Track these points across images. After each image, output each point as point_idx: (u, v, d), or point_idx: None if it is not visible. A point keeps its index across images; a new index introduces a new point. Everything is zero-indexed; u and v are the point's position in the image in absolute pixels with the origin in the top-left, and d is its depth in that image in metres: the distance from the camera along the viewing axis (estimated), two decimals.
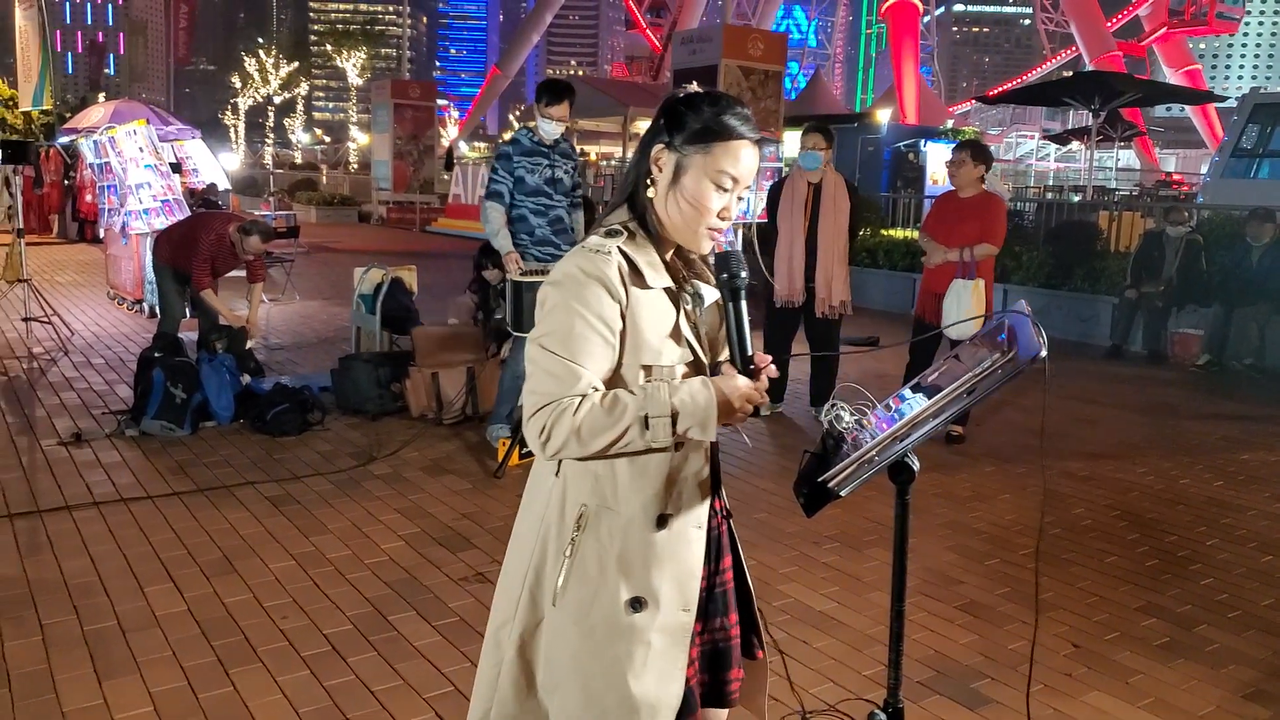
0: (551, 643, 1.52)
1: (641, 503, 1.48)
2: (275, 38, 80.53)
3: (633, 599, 1.48)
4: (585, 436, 1.38)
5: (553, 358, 1.42)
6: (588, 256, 1.45)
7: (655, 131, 1.52)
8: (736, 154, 1.47)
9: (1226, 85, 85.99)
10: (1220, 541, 4.10)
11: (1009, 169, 38.11)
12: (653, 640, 1.49)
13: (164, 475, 4.47)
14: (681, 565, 1.51)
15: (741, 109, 1.50)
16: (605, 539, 1.48)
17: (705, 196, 1.47)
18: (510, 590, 1.57)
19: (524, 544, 1.57)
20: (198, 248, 5.84)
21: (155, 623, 3.04)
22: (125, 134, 8.93)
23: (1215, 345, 7.86)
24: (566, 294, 1.44)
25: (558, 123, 4.76)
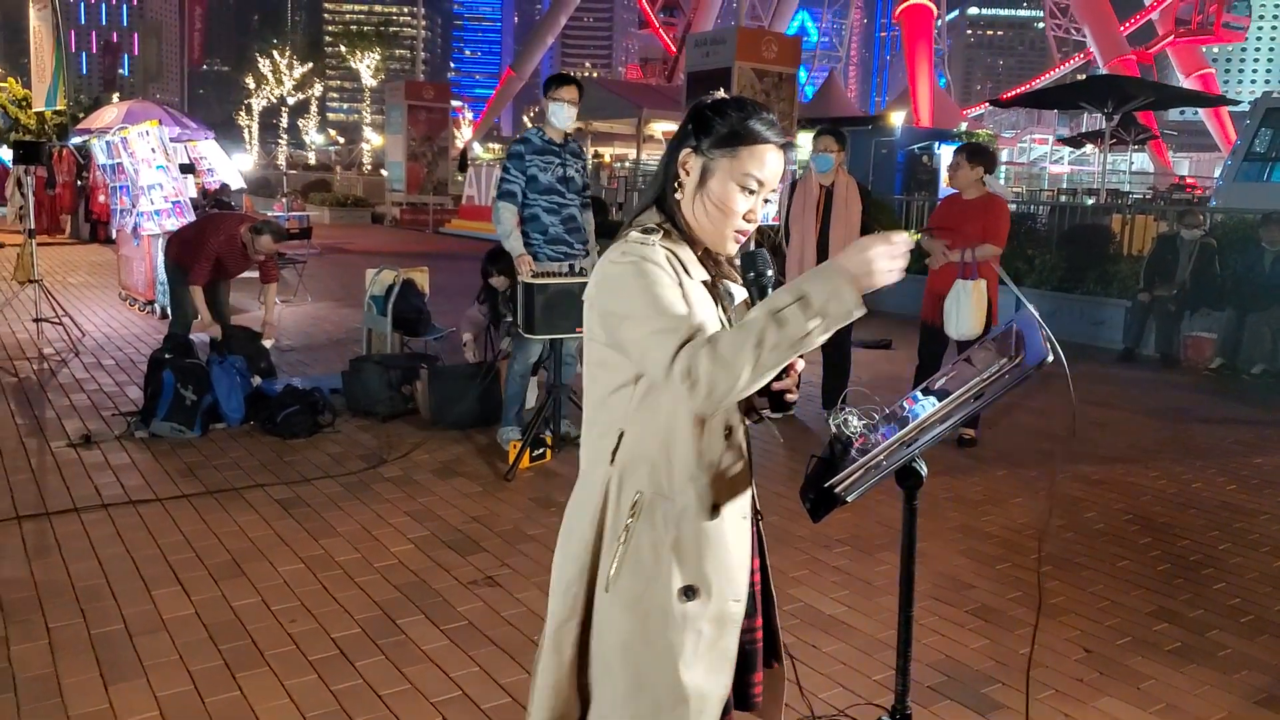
0: (603, 630, 1.53)
1: (696, 491, 1.49)
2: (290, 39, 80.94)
3: (685, 587, 1.49)
4: (728, 357, 1.32)
5: (651, 323, 1.40)
6: (634, 245, 1.48)
7: (682, 136, 1.56)
8: (762, 158, 1.51)
9: (1239, 89, 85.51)
10: (1233, 546, 4.07)
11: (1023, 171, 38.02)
12: (704, 629, 1.51)
13: (173, 477, 4.48)
14: (732, 555, 1.54)
15: (767, 114, 1.54)
16: (660, 526, 1.50)
17: (731, 199, 1.50)
18: (566, 587, 1.57)
19: (576, 539, 1.57)
20: (204, 246, 5.83)
21: (162, 626, 3.04)
22: (137, 135, 8.97)
23: (1228, 349, 7.81)
24: (626, 278, 1.45)
25: (568, 105, 4.74)
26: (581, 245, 4.92)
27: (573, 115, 4.79)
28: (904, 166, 21.18)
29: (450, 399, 5.41)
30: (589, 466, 1.60)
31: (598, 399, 1.55)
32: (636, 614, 1.50)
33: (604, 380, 1.53)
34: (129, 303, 9.56)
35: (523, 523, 4.04)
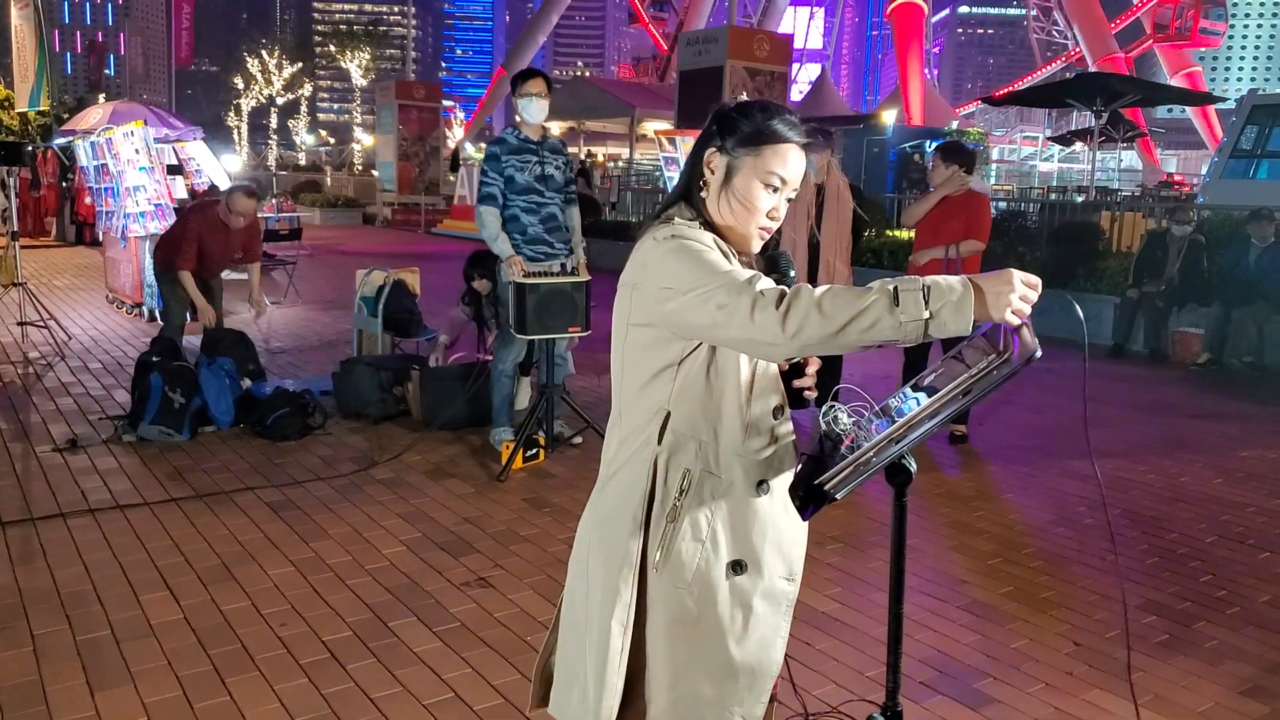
0: (655, 609, 1.54)
1: (744, 467, 1.53)
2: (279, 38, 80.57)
3: (734, 562, 1.53)
4: (829, 310, 1.29)
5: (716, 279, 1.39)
6: (678, 228, 1.53)
7: (708, 136, 1.61)
8: (785, 156, 1.55)
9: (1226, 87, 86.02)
10: (1219, 539, 4.09)
11: (1013, 169, 38.15)
12: (755, 605, 1.54)
13: (161, 481, 4.45)
14: (783, 532, 1.58)
15: (790, 115, 1.59)
16: (709, 502, 1.53)
17: (755, 196, 1.55)
18: (615, 569, 1.54)
19: (622, 522, 1.55)
20: (186, 229, 5.79)
21: (150, 632, 3.01)
22: (122, 135, 8.92)
23: (1215, 344, 7.86)
24: (677, 253, 1.47)
25: (537, 99, 4.69)
26: (563, 244, 4.87)
27: (544, 108, 4.73)
28: (896, 165, 21.21)
29: (442, 400, 5.40)
30: (628, 452, 1.57)
31: (638, 384, 1.56)
32: (688, 590, 1.52)
33: (646, 364, 1.54)
34: (116, 305, 9.50)
35: (515, 524, 4.03)
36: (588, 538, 1.63)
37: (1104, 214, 11.40)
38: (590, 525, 1.63)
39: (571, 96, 24.88)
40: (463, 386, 5.38)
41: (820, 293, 1.31)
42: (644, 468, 1.56)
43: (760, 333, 1.33)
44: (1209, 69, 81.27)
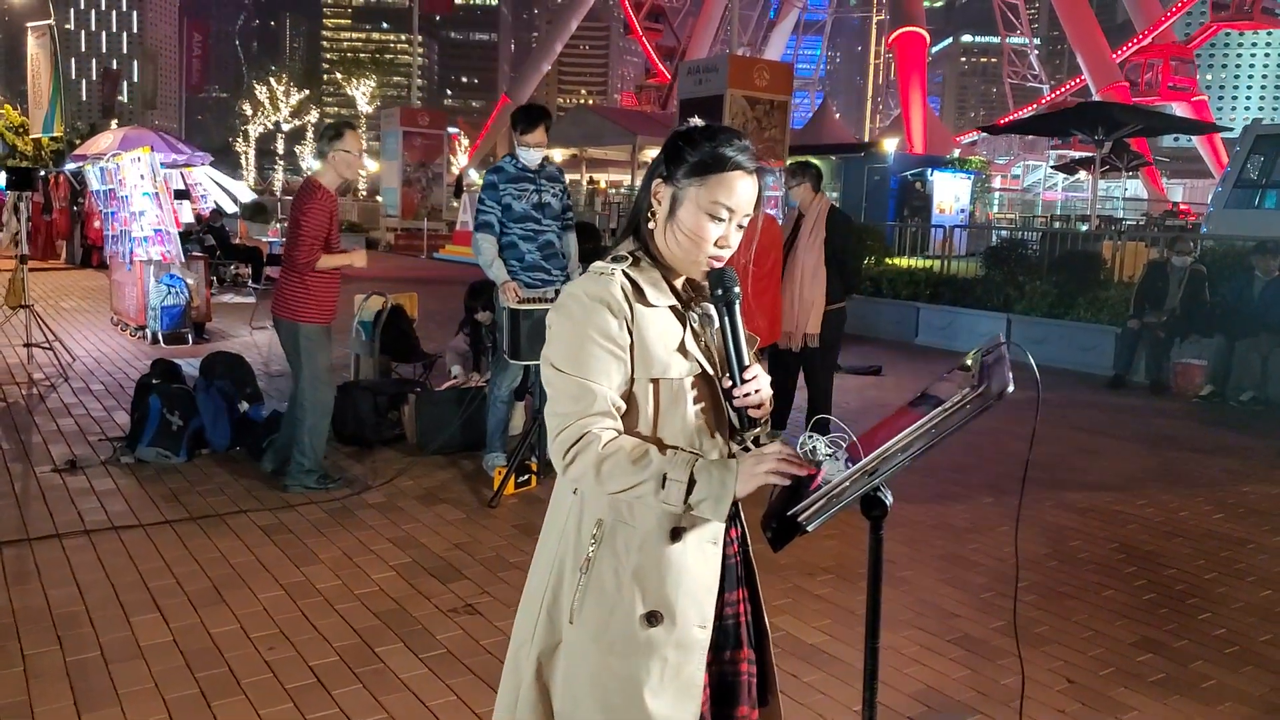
0: (570, 662, 1.53)
1: (656, 516, 1.49)
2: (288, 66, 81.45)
3: (649, 613, 1.49)
4: (605, 475, 1.44)
5: (567, 378, 1.47)
6: (591, 279, 1.51)
7: (655, 166, 1.57)
8: (731, 185, 1.51)
9: (1233, 116, 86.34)
10: (1219, 575, 4.05)
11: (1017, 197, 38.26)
12: (669, 656, 1.50)
13: (157, 503, 4.46)
14: (697, 580, 1.53)
15: (739, 141, 1.54)
16: (621, 553, 1.50)
17: (701, 228, 1.51)
18: (529, 611, 1.60)
19: (543, 564, 1.60)
20: (299, 235, 4.52)
21: (139, 654, 3.01)
22: (129, 161, 9.02)
23: (1218, 376, 7.82)
24: (572, 316, 1.49)
25: (535, 149, 4.77)
26: (560, 271, 4.91)
27: (539, 156, 4.80)
28: (897, 193, 21.31)
29: (437, 424, 5.41)
30: (558, 497, 1.62)
31: None
32: (602, 643, 1.51)
33: None
34: (120, 327, 9.55)
35: (505, 550, 4.02)
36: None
37: (1106, 243, 11.43)
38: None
39: (574, 124, 25.09)
40: (458, 411, 5.39)
41: (604, 455, 1.43)
42: (562, 518, 1.58)
43: (554, 455, 1.49)
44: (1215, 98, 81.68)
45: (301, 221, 4.51)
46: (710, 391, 1.55)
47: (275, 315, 4.69)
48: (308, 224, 4.50)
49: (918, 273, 11.42)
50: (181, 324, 8.81)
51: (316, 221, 4.52)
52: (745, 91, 11.76)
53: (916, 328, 10.70)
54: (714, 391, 1.56)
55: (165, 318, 8.73)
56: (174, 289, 8.74)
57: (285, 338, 4.67)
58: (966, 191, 22.49)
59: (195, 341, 8.82)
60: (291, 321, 4.60)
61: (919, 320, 10.68)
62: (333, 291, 4.67)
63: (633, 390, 1.51)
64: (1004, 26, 49.19)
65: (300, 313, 4.58)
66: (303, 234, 4.50)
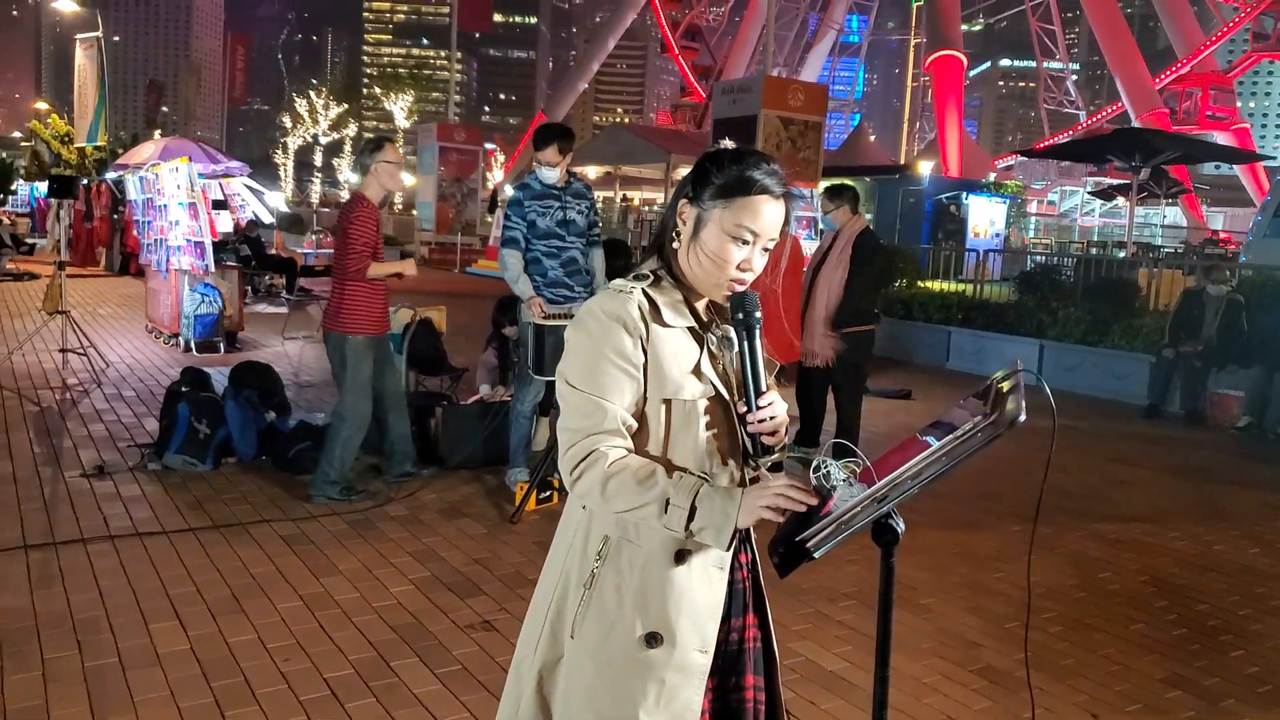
0: (569, 676, 1.53)
1: (662, 537, 1.48)
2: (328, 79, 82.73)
3: (649, 634, 1.48)
4: (610, 493, 1.44)
5: (579, 394, 1.48)
6: (610, 296, 1.52)
7: (682, 187, 1.57)
8: (757, 209, 1.50)
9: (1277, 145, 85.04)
10: (1254, 612, 3.95)
11: (1053, 223, 37.87)
12: (667, 678, 1.49)
13: (181, 510, 4.50)
14: (700, 604, 1.51)
15: (767, 164, 1.53)
16: (625, 571, 1.50)
17: (724, 250, 1.50)
18: (534, 623, 1.61)
19: (550, 578, 1.60)
20: (348, 244, 4.61)
21: (156, 661, 3.03)
22: (167, 170, 9.19)
23: (1256, 408, 7.66)
24: (588, 332, 1.50)
25: (546, 168, 4.79)
26: (583, 288, 4.92)
27: (555, 173, 4.80)
28: (931, 216, 21.19)
29: (461, 438, 5.42)
30: (569, 511, 1.62)
31: None
32: (600, 660, 1.50)
33: None
34: (154, 335, 9.71)
35: (524, 566, 4.01)
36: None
37: (1141, 271, 11.25)
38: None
39: (609, 142, 25.22)
40: (482, 425, 5.41)
41: (610, 473, 1.44)
42: (571, 533, 1.58)
43: (563, 469, 1.50)
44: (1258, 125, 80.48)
45: (349, 231, 4.62)
46: (724, 415, 1.54)
47: (325, 329, 4.78)
48: (355, 234, 4.62)
49: (950, 296, 11.32)
50: (214, 333, 8.94)
51: (363, 231, 4.63)
52: (779, 112, 11.76)
53: (948, 352, 10.58)
54: (728, 416, 1.54)
55: (198, 326, 8.86)
56: (208, 298, 8.88)
57: (333, 349, 4.75)
58: (1002, 216, 22.32)
59: (227, 350, 8.94)
60: (339, 334, 4.67)
61: (950, 344, 10.57)
62: (380, 303, 4.76)
63: (645, 410, 1.50)
64: (1041, 52, 48.91)
65: (347, 324, 4.66)
66: (351, 243, 4.61)
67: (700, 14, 44.41)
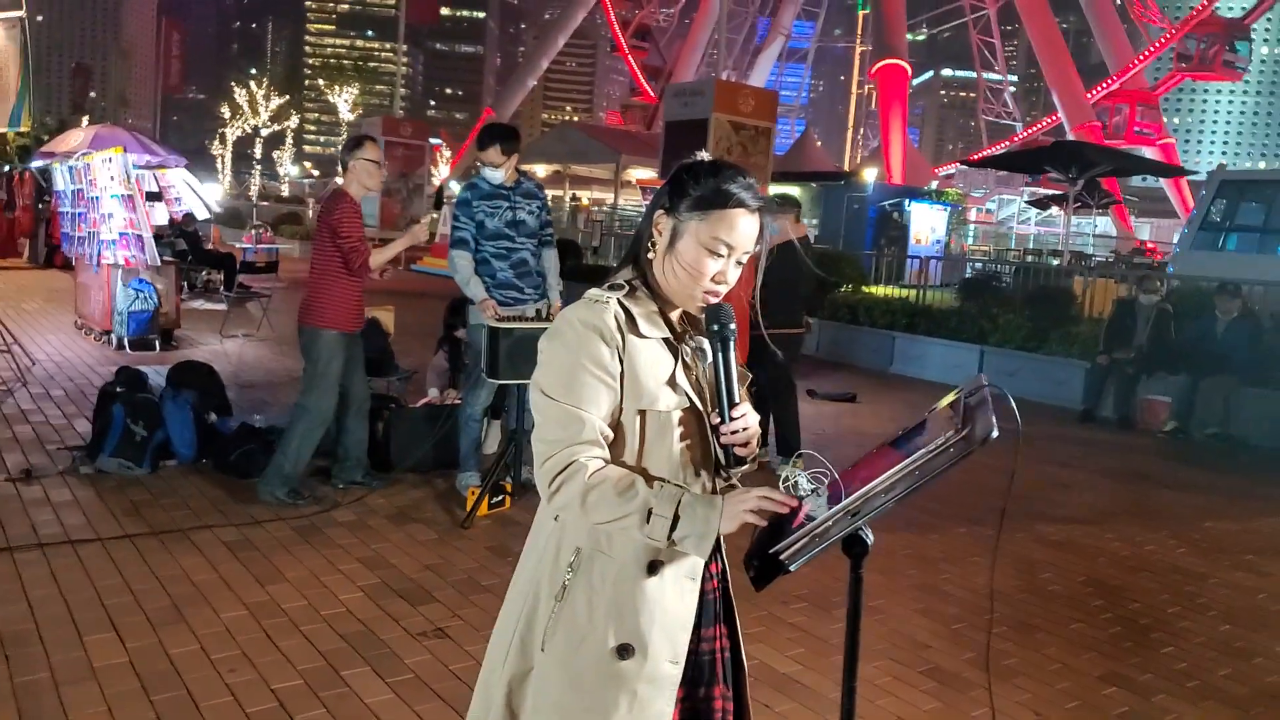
0: (539, 689, 1.52)
1: (634, 548, 1.48)
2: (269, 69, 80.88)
3: (620, 646, 1.48)
4: (590, 505, 1.43)
5: (556, 405, 1.47)
6: (586, 306, 1.51)
7: (659, 197, 1.57)
8: (733, 222, 1.50)
9: (1198, 160, 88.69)
10: (1182, 610, 4.10)
11: (991, 230, 38.80)
12: (639, 690, 1.49)
13: (117, 516, 4.34)
14: (671, 615, 1.52)
15: (744, 178, 1.54)
16: (597, 583, 1.50)
17: (700, 262, 1.51)
18: (503, 635, 1.60)
19: (520, 589, 1.59)
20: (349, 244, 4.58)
21: (92, 675, 2.91)
22: (100, 161, 8.88)
23: (1182, 413, 7.95)
24: (565, 343, 1.49)
25: (493, 168, 4.74)
26: (533, 289, 4.88)
27: (500, 174, 4.75)
28: (875, 222, 21.52)
29: (409, 441, 5.34)
30: (540, 522, 1.61)
31: None
32: (570, 672, 1.50)
33: None
34: (84, 332, 9.37)
35: (477, 572, 3.96)
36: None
37: (1076, 279, 11.59)
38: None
39: (559, 140, 25.15)
40: (431, 428, 5.33)
41: (590, 485, 1.43)
42: (542, 544, 1.57)
43: (540, 481, 1.48)
44: (1182, 142, 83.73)
45: (340, 229, 4.58)
46: (698, 426, 1.54)
47: (299, 323, 4.72)
48: (347, 229, 4.59)
49: (894, 302, 11.52)
50: (149, 330, 8.66)
51: (354, 224, 4.61)
52: (730, 116, 11.81)
53: (892, 357, 10.77)
54: (701, 426, 1.55)
55: (132, 323, 8.58)
56: (143, 294, 8.60)
57: (306, 343, 4.70)
58: (943, 223, 22.77)
59: (162, 349, 8.68)
60: (313, 327, 4.63)
61: (894, 349, 10.75)
62: (357, 299, 4.73)
63: (620, 420, 1.50)
64: (981, 64, 50.09)
65: (322, 318, 4.62)
66: (351, 241, 4.57)
67: (651, 14, 44.53)
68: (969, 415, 1.37)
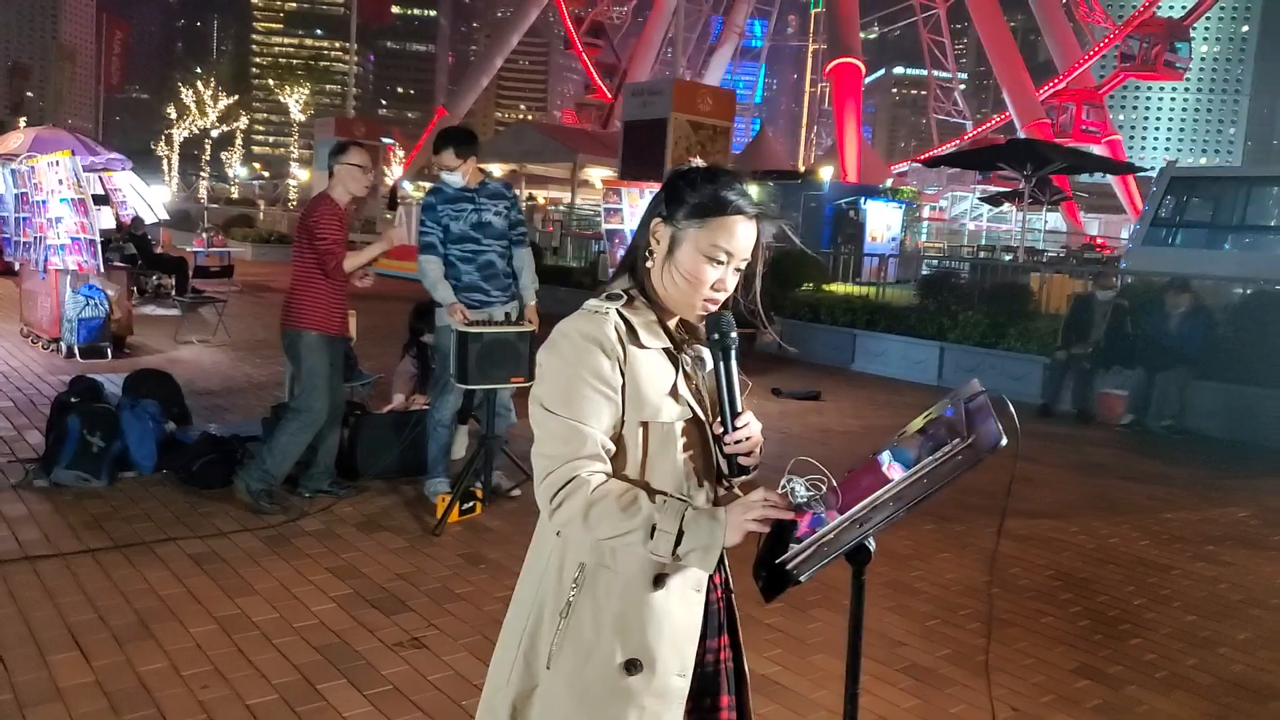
0: (544, 707, 1.50)
1: (639, 562, 1.46)
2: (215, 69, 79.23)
3: (628, 661, 1.47)
4: (592, 521, 1.41)
5: (557, 419, 1.44)
6: (585, 317, 1.49)
7: (655, 205, 1.55)
8: (731, 229, 1.49)
9: (1143, 155, 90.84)
10: (1148, 601, 4.18)
11: (944, 227, 39.39)
12: (647, 704, 1.48)
13: (76, 530, 4.22)
14: (679, 628, 1.51)
15: (740, 184, 1.53)
16: (602, 598, 1.48)
17: (699, 270, 1.49)
18: (505, 656, 1.56)
19: (522, 607, 1.56)
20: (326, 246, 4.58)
21: (58, 695, 2.83)
22: (46, 165, 8.63)
23: (1138, 406, 8.12)
24: (563, 355, 1.47)
25: (449, 171, 4.71)
26: (500, 292, 4.83)
27: (458, 178, 4.72)
28: (832, 220, 21.73)
29: (376, 448, 5.26)
30: (540, 538, 1.58)
31: None
32: (578, 689, 1.48)
33: None
34: (31, 340, 9.10)
35: (451, 580, 3.92)
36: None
37: (1033, 276, 11.79)
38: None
39: (514, 140, 24.98)
40: (398, 435, 5.26)
41: (593, 500, 1.41)
42: (543, 560, 1.54)
43: (541, 498, 1.46)
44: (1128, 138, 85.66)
45: (318, 231, 4.56)
46: (700, 437, 1.53)
47: (281, 326, 4.69)
48: (325, 231, 4.57)
49: (855, 300, 11.62)
50: (100, 337, 8.44)
51: (332, 227, 4.59)
52: (689, 116, 11.88)
53: (854, 354, 10.87)
54: (704, 436, 1.54)
55: (82, 330, 8.34)
56: (93, 300, 8.37)
57: (288, 346, 4.68)
58: (898, 220, 23.05)
59: (115, 356, 8.46)
60: (294, 329, 4.60)
61: (856, 346, 10.86)
62: (339, 303, 4.70)
63: (622, 433, 1.48)
64: (931, 63, 50.80)
65: (301, 320, 4.59)
66: (327, 243, 4.56)
67: (604, 11, 44.47)
68: (971, 423, 1.37)
